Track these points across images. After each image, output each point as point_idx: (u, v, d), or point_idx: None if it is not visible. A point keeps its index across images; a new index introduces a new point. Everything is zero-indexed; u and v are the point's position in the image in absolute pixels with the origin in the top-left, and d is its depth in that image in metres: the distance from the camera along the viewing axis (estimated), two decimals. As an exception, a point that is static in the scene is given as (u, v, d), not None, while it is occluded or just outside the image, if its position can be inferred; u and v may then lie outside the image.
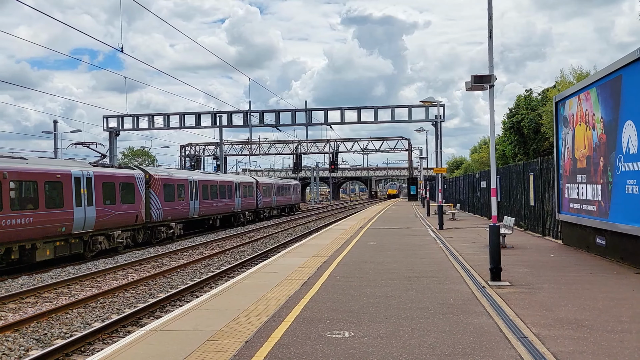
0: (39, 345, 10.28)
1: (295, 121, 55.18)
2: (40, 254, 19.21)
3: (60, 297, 14.62)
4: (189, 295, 14.58)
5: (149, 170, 28.31)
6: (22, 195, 18.73)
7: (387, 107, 54.39)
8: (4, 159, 18.65)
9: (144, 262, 20.92)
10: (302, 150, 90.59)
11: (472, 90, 12.40)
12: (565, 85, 39.71)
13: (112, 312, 12.88)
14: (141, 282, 16.51)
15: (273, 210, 52.63)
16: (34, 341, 10.48)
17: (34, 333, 11.01)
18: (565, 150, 16.91)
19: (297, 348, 6.95)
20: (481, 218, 33.38)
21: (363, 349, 6.87)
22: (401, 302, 9.51)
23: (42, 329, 11.33)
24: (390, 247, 18.33)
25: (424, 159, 62.06)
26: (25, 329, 11.25)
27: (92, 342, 10.29)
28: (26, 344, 10.27)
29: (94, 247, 22.56)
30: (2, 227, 17.26)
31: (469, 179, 42.13)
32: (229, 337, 7.57)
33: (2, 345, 10.15)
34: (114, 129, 55.95)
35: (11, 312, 13.03)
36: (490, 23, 11.74)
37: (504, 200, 26.76)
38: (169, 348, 7.13)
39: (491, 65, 11.69)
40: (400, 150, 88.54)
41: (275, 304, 9.59)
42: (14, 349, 10.01)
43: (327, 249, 17.88)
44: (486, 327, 7.77)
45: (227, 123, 55.23)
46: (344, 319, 8.43)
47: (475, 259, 14.87)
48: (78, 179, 21.37)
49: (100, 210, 22.47)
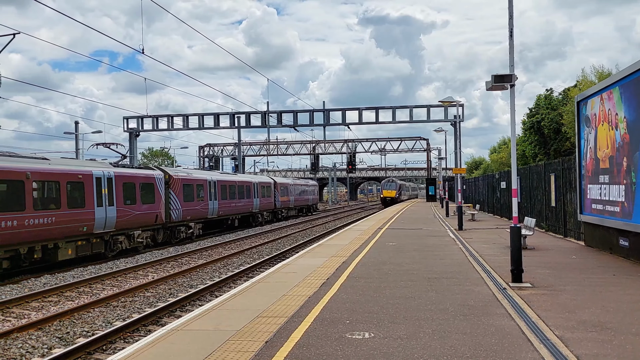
0: (61, 343, 10.41)
1: (313, 121, 55.18)
2: (62, 253, 19.46)
3: (82, 296, 14.80)
4: (209, 295, 14.67)
5: (169, 171, 28.53)
6: (45, 196, 18.98)
7: (405, 107, 54.16)
8: (27, 160, 18.91)
9: (163, 261, 21.09)
10: (320, 150, 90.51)
11: (492, 90, 12.30)
12: (587, 85, 39.22)
13: (133, 311, 13.00)
14: (161, 281, 16.64)
15: (291, 210, 52.72)
16: (56, 339, 10.61)
17: (56, 331, 11.15)
18: (588, 151, 16.69)
19: (317, 348, 6.95)
20: (501, 219, 33.09)
21: (383, 350, 6.84)
22: (421, 304, 9.46)
23: (64, 327, 11.47)
24: (409, 248, 18.24)
25: (442, 159, 61.67)
26: (48, 328, 11.40)
27: (114, 341, 10.40)
28: (49, 343, 10.40)
29: (114, 246, 22.79)
30: (25, 227, 17.50)
31: (489, 180, 41.79)
32: (250, 337, 7.59)
33: (26, 343, 10.29)
34: (134, 129, 56.44)
35: (34, 310, 13.22)
36: (510, 22, 11.63)
37: (525, 201, 26.51)
38: (190, 347, 7.18)
39: (512, 65, 11.58)
40: (418, 150, 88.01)
41: (295, 304, 9.59)
42: (37, 347, 10.15)
43: (345, 250, 17.85)
44: (508, 329, 7.70)
45: (245, 124, 55.42)
46: (363, 319, 8.40)
47: (496, 260, 14.74)
48: (99, 179, 21.61)
49: (120, 210, 22.69)
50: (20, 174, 17.67)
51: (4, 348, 9.97)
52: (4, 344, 10.21)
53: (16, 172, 17.53)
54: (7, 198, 17.22)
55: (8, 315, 12.72)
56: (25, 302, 13.85)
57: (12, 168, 17.48)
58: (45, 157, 20.63)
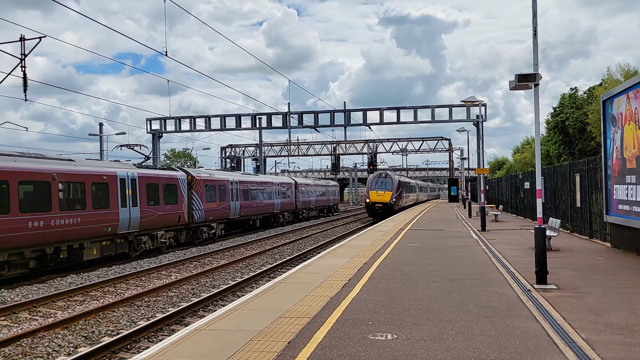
0: (87, 342, 10.55)
1: (333, 122, 55.15)
2: (87, 253, 19.73)
3: (107, 296, 14.98)
4: (231, 295, 14.75)
5: (191, 172, 28.76)
6: (70, 196, 19.26)
7: (426, 107, 53.85)
8: (53, 161, 19.22)
9: (186, 262, 21.26)
10: (341, 151, 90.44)
11: (516, 90, 12.17)
12: (613, 83, 38.60)
13: (156, 310, 13.13)
14: (184, 281, 16.78)
15: (312, 211, 52.76)
16: (82, 338, 10.76)
17: (82, 330, 11.31)
18: (614, 150, 16.42)
19: (340, 349, 6.94)
20: (525, 220, 32.72)
21: (406, 351, 6.81)
22: (444, 305, 9.39)
23: (90, 326, 11.63)
24: (431, 249, 18.13)
25: (465, 160, 61.20)
26: (74, 327, 11.57)
27: (138, 340, 10.51)
28: (75, 341, 10.55)
29: (138, 246, 23.04)
30: (51, 227, 17.79)
31: (512, 180, 41.36)
32: (272, 337, 7.61)
33: (52, 342, 10.46)
34: (157, 131, 56.99)
35: (60, 309, 13.42)
36: (534, 21, 11.50)
37: (549, 201, 26.17)
38: (213, 347, 7.22)
39: (536, 64, 11.45)
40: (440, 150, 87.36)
41: (317, 305, 9.59)
42: (63, 345, 10.30)
43: (367, 251, 17.81)
44: (533, 332, 7.60)
45: (266, 124, 55.62)
46: (386, 321, 8.37)
47: (520, 261, 14.57)
48: (123, 180, 21.86)
49: (144, 211, 22.93)
50: (47, 175, 17.96)
51: (31, 346, 10.15)
52: (31, 342, 10.39)
53: (43, 174, 17.83)
54: (34, 199, 17.52)
55: (35, 314, 12.94)
56: (51, 302, 14.07)
57: (39, 169, 17.77)
58: (71, 159, 20.94)
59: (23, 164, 17.36)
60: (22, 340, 10.48)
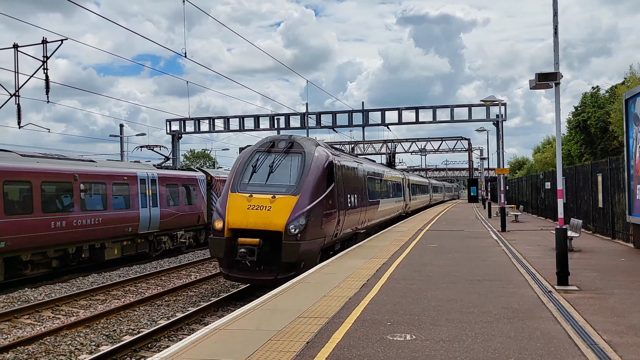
0: (108, 341, 10.68)
1: (351, 122, 55.11)
2: (108, 253, 19.98)
3: (128, 295, 15.15)
4: (250, 296, 14.80)
5: (210, 172, 28.95)
6: (92, 197, 19.51)
7: (445, 107, 53.55)
8: (75, 162, 19.49)
9: (205, 262, 21.41)
10: (359, 151, 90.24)
11: (536, 89, 12.06)
12: (635, 82, 38.03)
13: (176, 310, 13.24)
14: (203, 281, 16.90)
15: (331, 211, 52.41)
16: (104, 337, 10.90)
17: (104, 329, 11.46)
18: (637, 150, 16.17)
19: (359, 350, 6.94)
20: (545, 220, 32.37)
21: (425, 352, 6.79)
22: (463, 306, 9.34)
23: (111, 325, 11.77)
24: (450, 249, 18.02)
25: (484, 159, 60.77)
26: (95, 325, 11.73)
27: (159, 339, 10.62)
28: (97, 340, 10.69)
29: (158, 246, 23.26)
30: (73, 227, 18.03)
31: (533, 180, 40.96)
32: (291, 337, 7.63)
33: (75, 340, 10.61)
34: (176, 132, 57.46)
35: (83, 308, 13.61)
36: (555, 19, 11.38)
37: (570, 201, 25.86)
38: (232, 347, 7.26)
39: (557, 63, 11.33)
40: (459, 150, 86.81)
41: (335, 305, 9.60)
42: (85, 344, 10.44)
43: (385, 251, 17.76)
44: (554, 333, 7.53)
45: (284, 125, 55.75)
46: (405, 321, 8.35)
47: (541, 262, 14.43)
48: (143, 180, 22.09)
49: (164, 211, 23.14)
50: (69, 175, 18.22)
51: (54, 345, 10.30)
52: (54, 340, 10.55)
53: (65, 174, 18.08)
54: (57, 199, 17.78)
55: (58, 313, 13.13)
56: (74, 301, 14.27)
57: (61, 170, 18.03)
58: (92, 159, 21.22)
59: (45, 164, 17.62)
60: (45, 338, 10.66)
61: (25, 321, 12.29)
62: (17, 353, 9.78)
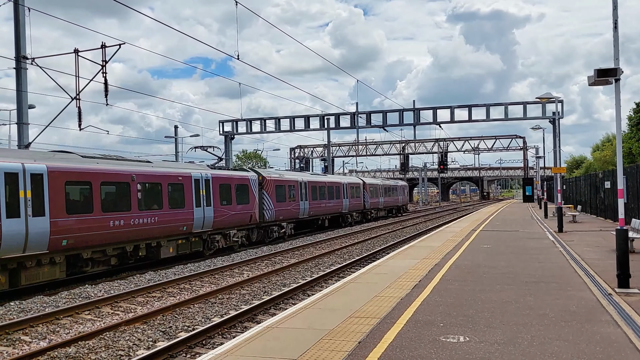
0: (165, 337, 10.97)
1: (402, 121, 54.57)
2: (164, 251, 20.49)
3: (183, 293, 15.51)
4: (301, 294, 14.91)
5: (262, 172, 29.29)
6: (148, 196, 20.06)
7: (499, 105, 52.39)
8: (132, 163, 20.08)
9: (257, 260, 21.68)
10: (410, 150, 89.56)
11: (595, 85, 11.68)
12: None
13: (229, 307, 13.47)
14: (255, 279, 17.12)
15: (380, 211, 52.49)
16: (160, 333, 11.19)
17: (160, 325, 11.76)
18: None
19: (411, 351, 6.90)
20: (605, 221, 31.26)
21: (479, 355, 6.68)
22: (519, 308, 9.14)
23: (167, 321, 12.08)
24: (505, 250, 17.65)
25: (540, 158, 59.16)
26: (152, 321, 12.05)
27: (213, 336, 10.82)
28: (154, 336, 10.99)
29: (212, 245, 23.70)
30: (131, 226, 18.60)
31: (591, 179, 39.61)
32: (342, 336, 7.66)
33: (133, 336, 10.94)
34: (229, 132, 58.39)
35: (140, 305, 14.01)
36: (615, 13, 11.00)
37: (632, 201, 24.88)
38: (285, 345, 7.34)
39: (616, 58, 10.94)
40: (514, 149, 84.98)
41: (387, 306, 9.56)
42: (142, 340, 10.75)
43: (437, 252, 17.56)
44: (614, 337, 7.28)
45: (334, 125, 55.79)
46: (458, 323, 8.24)
47: (600, 264, 13.96)
48: (197, 180, 22.55)
49: (217, 211, 23.56)
50: (127, 176, 18.79)
51: (113, 340, 10.65)
52: (113, 335, 10.91)
53: (123, 175, 18.66)
54: (115, 199, 18.37)
55: (117, 309, 13.57)
56: (131, 297, 14.71)
57: (119, 171, 18.62)
58: (148, 160, 21.80)
59: (105, 165, 18.24)
60: (105, 333, 11.03)
61: (85, 316, 12.76)
62: (79, 347, 10.16)
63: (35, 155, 16.42)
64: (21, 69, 20.49)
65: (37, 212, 15.17)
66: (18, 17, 20.35)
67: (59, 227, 15.75)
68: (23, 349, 10.29)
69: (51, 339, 10.88)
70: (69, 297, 14.59)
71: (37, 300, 14.13)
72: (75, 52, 21.76)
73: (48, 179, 15.65)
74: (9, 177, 14.53)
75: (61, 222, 15.88)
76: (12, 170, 14.62)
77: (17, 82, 20.62)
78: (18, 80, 20.60)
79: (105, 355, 9.74)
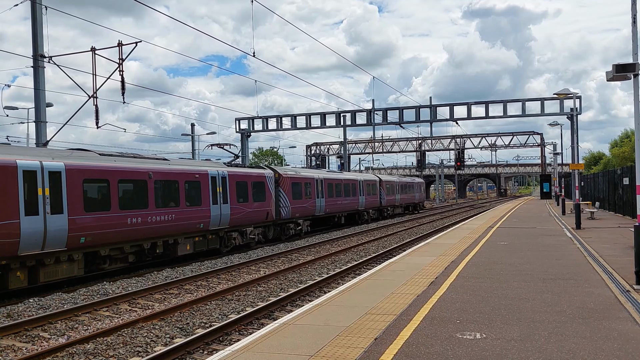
0: (182, 333, 11.06)
1: (419, 118, 54.40)
2: (181, 248, 20.65)
3: (200, 289, 15.63)
4: (318, 291, 14.95)
5: (278, 170, 29.37)
6: (165, 194, 20.21)
7: (516, 101, 52.03)
8: (149, 160, 20.24)
9: (274, 257, 21.76)
10: (426, 147, 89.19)
11: (613, 81, 11.55)
12: None
13: (246, 304, 13.54)
14: (272, 276, 17.19)
15: (396, 208, 52.38)
16: (177, 330, 11.29)
17: (177, 322, 11.87)
18: None
19: (427, 347, 6.90)
20: (624, 217, 30.90)
21: (496, 351, 6.66)
22: (535, 305, 9.09)
23: (184, 318, 12.18)
24: (522, 247, 17.54)
25: (558, 155, 58.62)
26: (169, 318, 12.16)
27: (229, 333, 10.90)
28: (171, 332, 11.09)
29: (228, 242, 23.83)
30: (148, 224, 18.76)
31: (610, 176, 39.15)
32: (359, 333, 7.67)
33: (150, 332, 11.05)
34: (245, 130, 58.62)
35: (157, 302, 14.15)
36: (634, 7, 10.87)
37: (651, 198, 24.55)
38: (301, 341, 7.38)
39: (635, 53, 10.82)
40: (531, 145, 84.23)
41: (403, 303, 9.56)
42: (160, 336, 10.86)
43: (454, 249, 17.50)
44: (632, 334, 7.21)
45: (350, 122, 55.78)
46: (474, 320, 8.22)
47: (618, 261, 13.82)
48: (214, 178, 22.68)
49: (234, 208, 23.68)
50: (144, 173, 18.96)
51: (131, 336, 10.77)
52: (131, 332, 11.03)
53: (140, 172, 18.83)
54: (132, 196, 18.55)
55: (134, 306, 13.71)
56: (149, 294, 14.85)
57: (137, 168, 18.79)
58: (165, 158, 21.97)
59: (122, 163, 18.41)
60: (123, 330, 11.16)
61: (104, 313, 12.91)
62: (97, 344, 10.29)
63: (53, 153, 16.61)
64: (39, 68, 20.73)
65: (55, 210, 15.35)
66: (35, 15, 20.60)
67: (77, 224, 15.94)
68: (42, 346, 10.45)
69: (70, 336, 11.04)
70: (87, 294, 14.77)
71: (56, 297, 14.33)
72: (92, 50, 21.98)
73: (66, 176, 15.83)
74: (28, 175, 14.73)
75: (79, 220, 16.06)
76: (30, 168, 14.82)
77: (35, 81, 20.87)
78: (36, 79, 20.85)
79: (123, 351, 9.86)
